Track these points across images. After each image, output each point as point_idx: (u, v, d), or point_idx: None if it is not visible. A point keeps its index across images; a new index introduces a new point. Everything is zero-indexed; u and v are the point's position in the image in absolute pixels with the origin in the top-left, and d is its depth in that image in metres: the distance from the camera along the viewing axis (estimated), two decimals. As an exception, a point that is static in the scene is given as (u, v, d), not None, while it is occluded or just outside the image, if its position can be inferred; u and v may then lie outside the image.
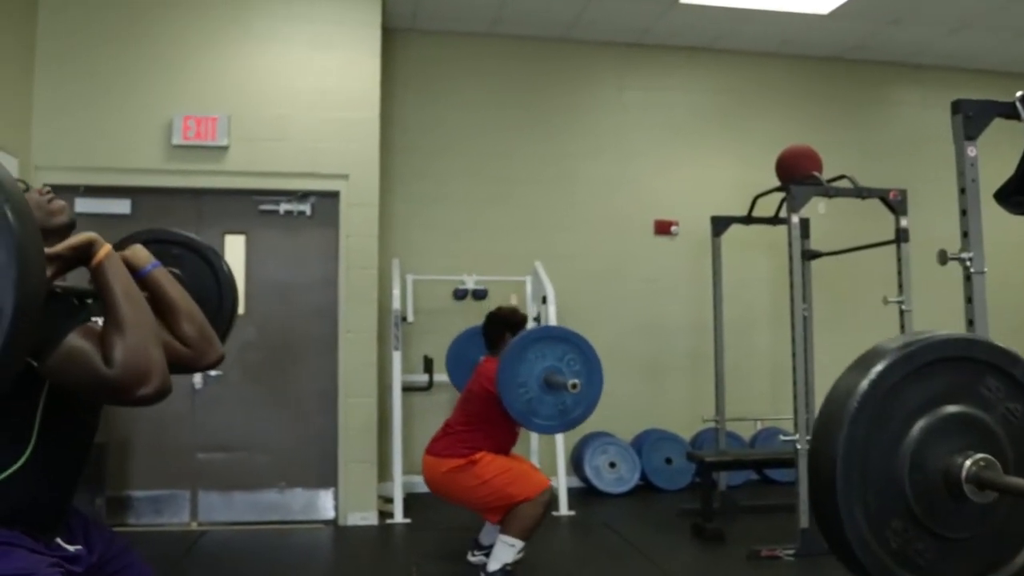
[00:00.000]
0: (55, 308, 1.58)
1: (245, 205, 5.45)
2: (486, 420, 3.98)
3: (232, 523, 5.25)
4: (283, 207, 5.45)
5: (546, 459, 5.66)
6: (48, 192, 1.87)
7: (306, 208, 5.48)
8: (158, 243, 2.59)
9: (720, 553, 4.65)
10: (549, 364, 3.71)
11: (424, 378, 5.91)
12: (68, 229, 1.85)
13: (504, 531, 3.83)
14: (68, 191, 5.25)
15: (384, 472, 5.67)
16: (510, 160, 6.61)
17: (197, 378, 5.24)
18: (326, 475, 5.36)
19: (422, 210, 6.39)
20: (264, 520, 5.28)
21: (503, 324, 4.21)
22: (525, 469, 4.05)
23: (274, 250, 5.48)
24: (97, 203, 5.28)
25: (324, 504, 5.38)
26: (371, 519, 5.29)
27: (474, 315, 6.30)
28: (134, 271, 1.88)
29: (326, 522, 5.33)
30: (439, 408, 6.20)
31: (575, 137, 6.75)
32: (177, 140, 5.23)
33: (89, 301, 1.78)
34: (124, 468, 5.21)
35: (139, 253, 1.93)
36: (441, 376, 5.81)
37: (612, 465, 6.20)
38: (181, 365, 1.92)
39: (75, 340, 1.54)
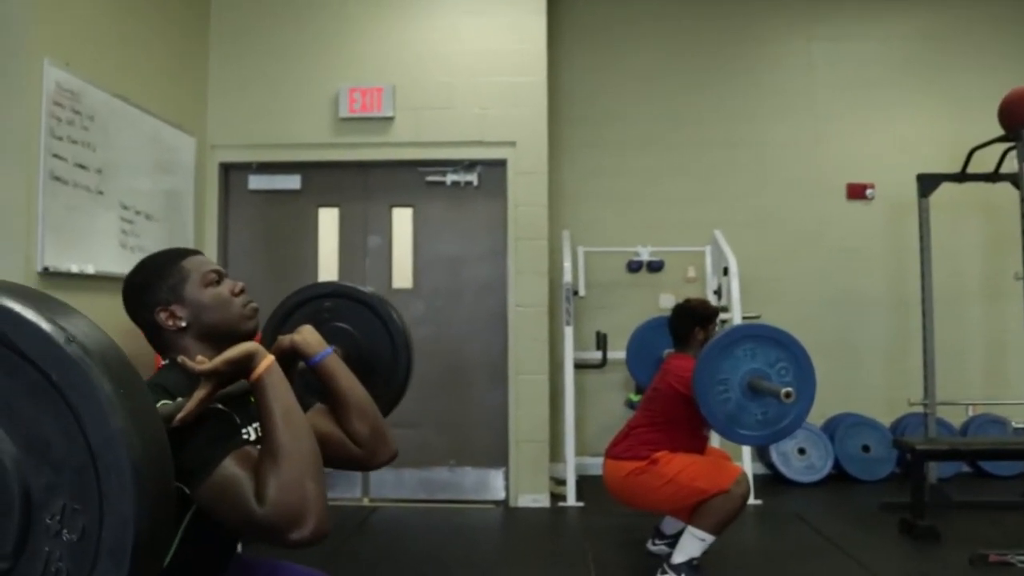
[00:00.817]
0: (212, 430, 1.40)
1: (411, 177, 5.33)
2: (670, 420, 3.60)
3: (402, 500, 5.17)
4: (450, 177, 5.28)
5: (729, 443, 5.22)
6: (242, 291, 1.69)
7: (473, 178, 5.29)
8: (324, 298, 2.41)
9: (936, 555, 4.08)
10: (757, 367, 3.24)
11: (597, 355, 5.61)
12: (252, 335, 1.68)
13: (694, 523, 3.47)
14: (241, 169, 5.32)
15: (556, 452, 5.43)
16: (686, 125, 6.16)
17: (367, 353, 5.17)
18: (497, 454, 5.18)
19: (592, 181, 6.08)
20: (434, 498, 5.17)
21: (692, 317, 3.80)
22: (714, 459, 3.65)
23: (441, 222, 5.33)
24: (268, 179, 5.32)
25: (495, 484, 5.20)
26: (542, 501, 5.06)
27: (649, 289, 5.96)
28: (305, 358, 1.73)
29: (496, 502, 5.16)
30: (612, 387, 5.90)
31: (758, 97, 6.20)
32: (344, 113, 5.17)
33: (252, 399, 1.56)
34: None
35: (310, 339, 1.75)
36: (616, 353, 5.50)
37: (802, 451, 5.67)
38: (352, 464, 1.80)
39: (229, 469, 1.35)
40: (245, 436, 1.53)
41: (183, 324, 1.63)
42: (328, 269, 5.34)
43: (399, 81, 5.18)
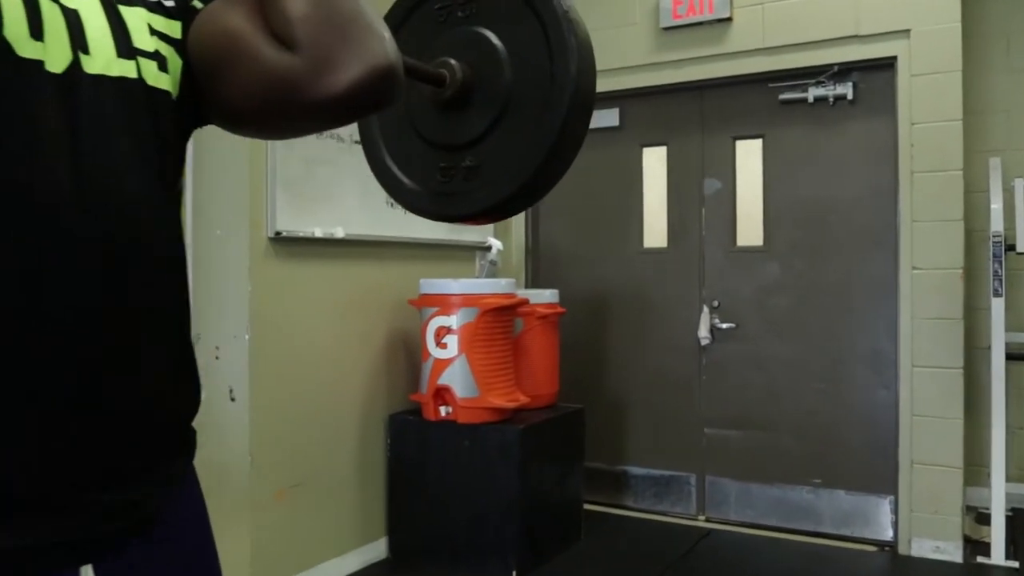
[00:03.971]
0: None
1: (760, 96, 3.98)
2: None
3: (747, 524, 3.95)
4: (812, 93, 3.84)
5: None
6: None
7: (846, 90, 3.78)
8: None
9: None
10: None
11: (1040, 339, 3.80)
12: None
13: None
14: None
15: (976, 475, 3.80)
16: None
17: (703, 330, 4.01)
18: (880, 476, 3.70)
19: (1041, 79, 4.15)
20: (789, 527, 3.87)
21: None
22: None
23: (802, 155, 3.92)
24: (582, 116, 4.36)
25: (877, 518, 3.73)
26: (950, 552, 3.49)
27: None
28: None
29: (880, 544, 3.69)
30: (1072, 386, 4.02)
31: None
32: (666, 22, 4.00)
33: None
34: (621, 437, 4.28)
35: None
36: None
37: None
38: (275, 91, 0.85)
39: None
40: None
41: None
42: (655, 224, 4.25)
43: (739, -32, 3.87)
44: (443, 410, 3.34)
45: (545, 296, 3.73)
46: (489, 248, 4.08)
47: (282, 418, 3.09)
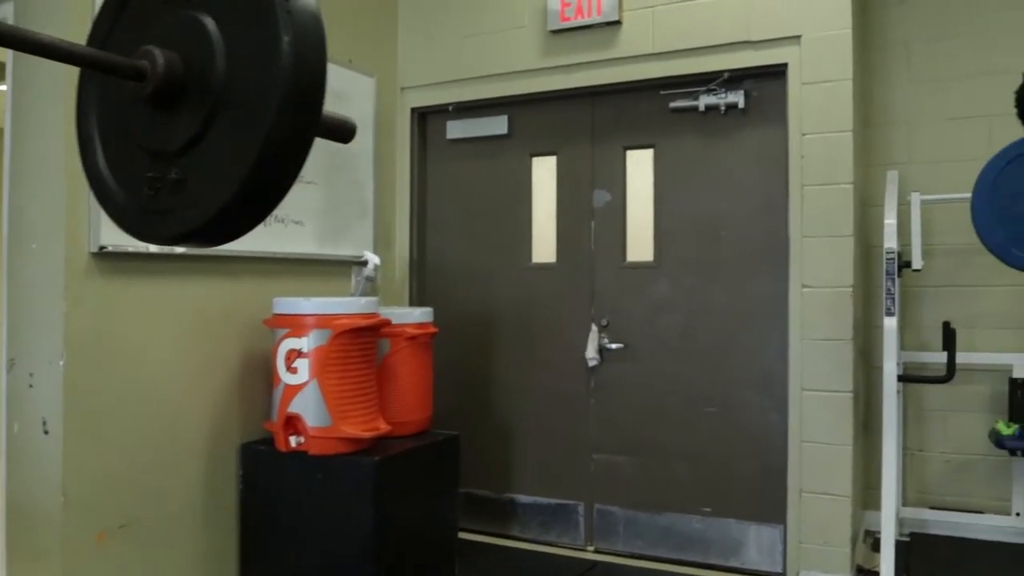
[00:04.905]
0: None
1: (652, 104, 3.79)
2: None
3: (637, 555, 3.74)
4: (703, 101, 3.65)
5: None
6: None
7: (738, 99, 3.60)
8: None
9: None
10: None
11: (940, 358, 3.64)
12: None
13: None
14: (438, 114, 4.21)
15: (876, 499, 3.65)
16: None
17: (591, 351, 3.80)
18: (771, 505, 3.51)
19: (937, 94, 4.00)
20: (680, 557, 3.66)
21: None
22: None
23: (693, 166, 3.73)
24: (469, 125, 4.14)
25: (767, 549, 3.54)
26: (842, 584, 3.33)
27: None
28: None
29: (770, 576, 3.52)
30: (968, 406, 3.89)
31: None
32: (554, 24, 3.80)
33: None
34: (508, 464, 4.04)
35: None
36: (972, 356, 3.54)
37: None
38: None
39: None
40: None
41: None
42: (544, 238, 4.03)
43: (628, -30, 3.68)
44: (294, 440, 3.06)
45: (415, 315, 3.47)
46: (365, 263, 3.82)
47: (105, 451, 2.78)
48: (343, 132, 1.35)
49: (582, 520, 3.87)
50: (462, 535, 4.00)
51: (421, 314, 3.50)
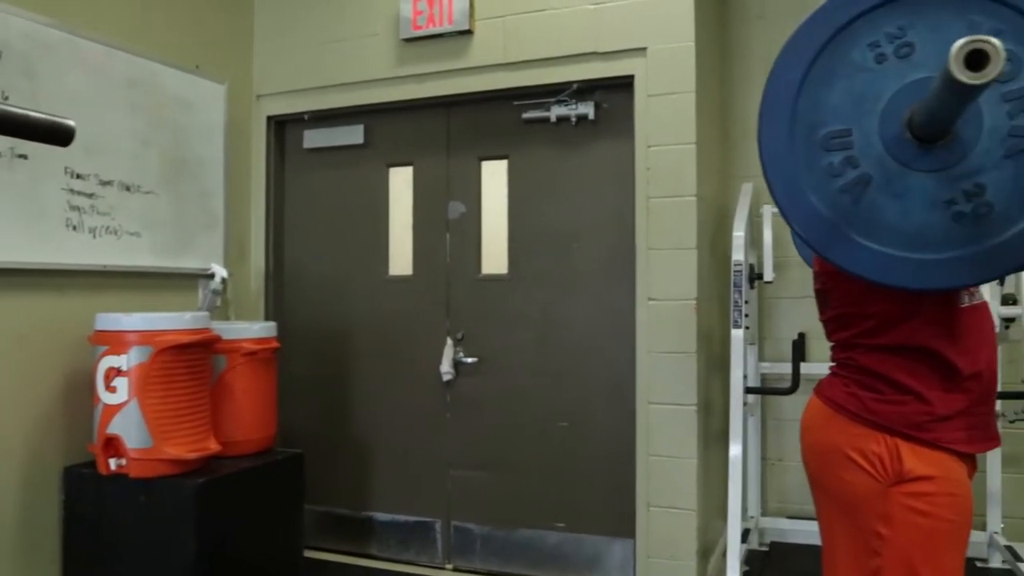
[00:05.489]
0: None
1: (505, 115, 3.75)
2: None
3: (493, 572, 3.68)
4: (555, 112, 3.63)
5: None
6: None
7: (588, 110, 3.59)
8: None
9: None
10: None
11: (787, 369, 3.68)
12: None
13: None
14: (295, 123, 4.10)
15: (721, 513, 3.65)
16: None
17: (445, 365, 3.73)
18: (622, 519, 3.49)
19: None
20: (537, 572, 3.62)
21: None
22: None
23: (546, 178, 3.70)
24: (326, 134, 4.05)
25: (619, 563, 3.52)
26: (688, 596, 3.31)
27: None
28: None
29: (622, 590, 3.49)
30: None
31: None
32: (407, 33, 3.73)
33: None
34: (365, 481, 3.95)
35: None
36: (823, 367, 3.57)
37: None
38: None
39: None
40: None
41: None
42: (401, 250, 3.96)
43: (479, -22, 3.64)
44: (113, 463, 2.92)
45: (254, 330, 3.36)
46: (212, 276, 3.70)
47: None
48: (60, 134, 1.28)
49: (440, 537, 3.80)
50: (318, 555, 3.90)
51: (261, 328, 3.38)
